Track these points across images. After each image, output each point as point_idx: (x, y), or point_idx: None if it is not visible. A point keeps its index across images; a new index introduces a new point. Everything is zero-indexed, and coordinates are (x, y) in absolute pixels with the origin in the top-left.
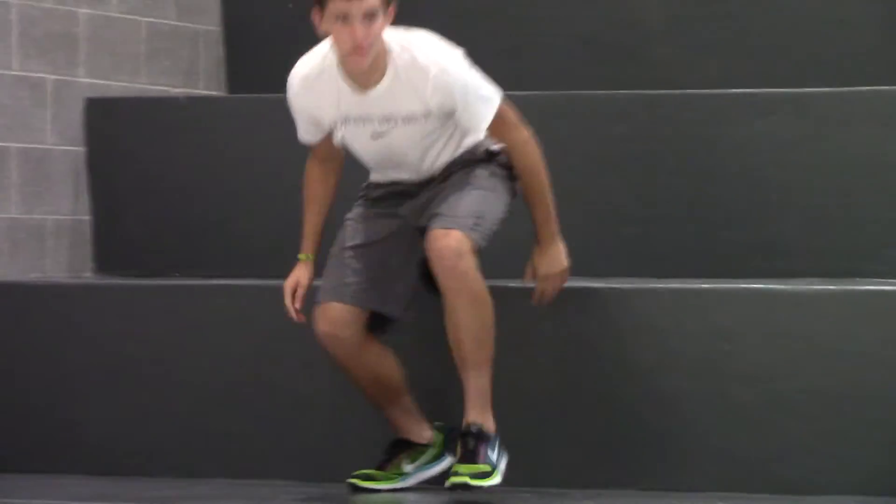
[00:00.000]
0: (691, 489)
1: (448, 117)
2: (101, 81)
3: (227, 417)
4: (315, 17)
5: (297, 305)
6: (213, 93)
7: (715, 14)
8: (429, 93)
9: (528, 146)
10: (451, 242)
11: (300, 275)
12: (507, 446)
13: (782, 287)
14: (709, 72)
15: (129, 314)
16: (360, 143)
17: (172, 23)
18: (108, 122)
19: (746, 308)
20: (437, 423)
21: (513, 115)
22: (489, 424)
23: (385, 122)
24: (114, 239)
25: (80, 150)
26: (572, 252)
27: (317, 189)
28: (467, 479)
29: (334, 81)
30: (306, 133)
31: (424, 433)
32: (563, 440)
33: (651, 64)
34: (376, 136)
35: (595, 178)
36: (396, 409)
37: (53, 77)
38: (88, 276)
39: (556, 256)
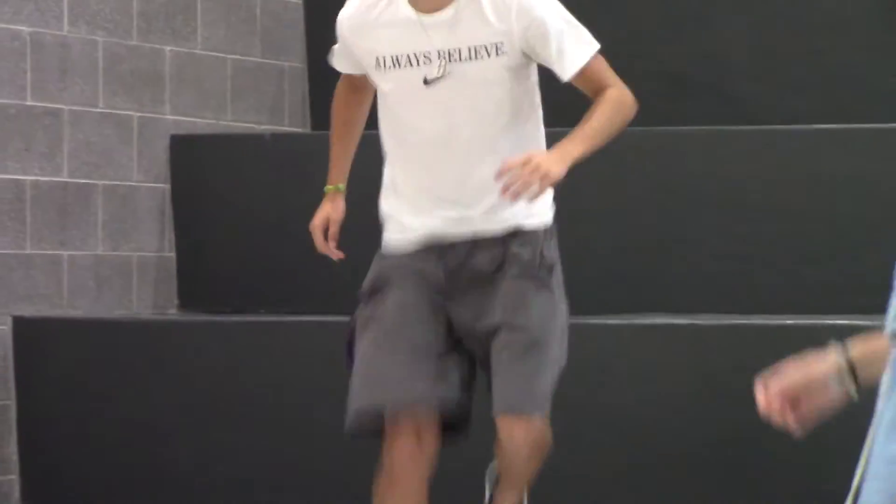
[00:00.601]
0: None
1: (523, 66)
2: (187, 118)
3: (313, 453)
4: None
5: (332, 244)
6: (298, 129)
7: (800, 51)
8: (514, 14)
9: (624, 106)
10: (534, 435)
11: (329, 209)
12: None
13: (866, 322)
14: (797, 108)
15: (213, 350)
16: (409, 99)
17: (257, 60)
18: (193, 158)
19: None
20: None
21: (612, 72)
22: None
23: (445, 60)
24: (198, 275)
25: (165, 186)
26: (678, 286)
27: (346, 113)
28: None
29: (398, 8)
30: (340, 61)
31: None
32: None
33: (737, 100)
34: (431, 81)
35: (682, 214)
36: None
37: (139, 114)
38: (173, 312)
39: (554, 155)
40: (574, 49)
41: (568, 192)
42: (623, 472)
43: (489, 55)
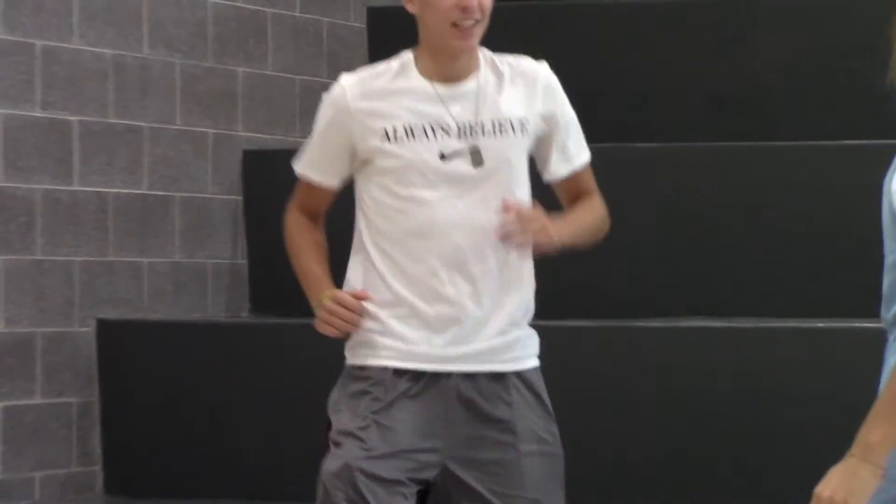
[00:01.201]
0: None
1: (535, 145)
2: (258, 135)
3: None
4: None
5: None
6: None
7: (833, 69)
8: (539, 95)
9: (606, 220)
10: None
11: (341, 292)
12: None
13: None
14: (827, 125)
15: (282, 351)
16: (421, 171)
17: (323, 80)
18: (263, 173)
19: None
20: None
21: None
22: None
23: (465, 135)
24: (269, 281)
25: (238, 198)
26: (711, 290)
27: (313, 235)
28: None
29: (409, 78)
30: (315, 167)
31: None
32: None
33: (771, 118)
34: (448, 155)
35: (719, 226)
36: None
37: (213, 131)
38: (245, 315)
39: (561, 224)
40: (578, 146)
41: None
42: (660, 467)
43: (516, 130)
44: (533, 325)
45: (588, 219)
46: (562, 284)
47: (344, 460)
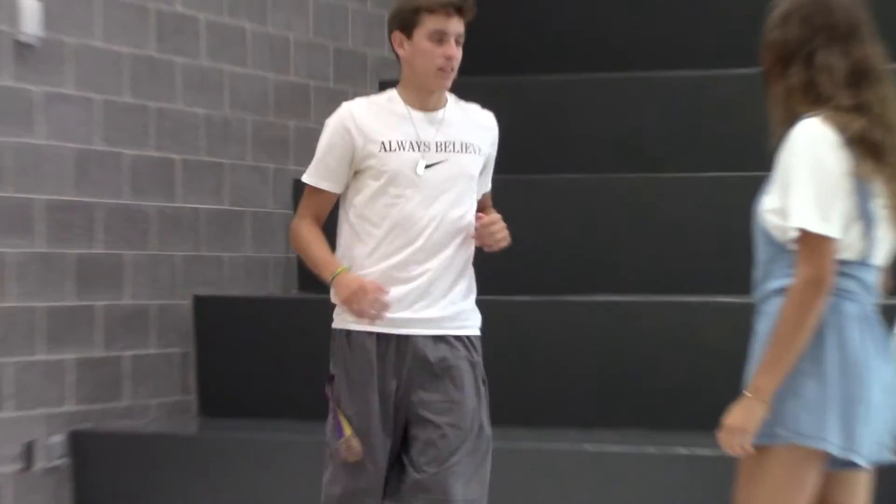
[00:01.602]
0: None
1: (479, 173)
2: (303, 168)
3: None
4: (397, 40)
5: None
6: None
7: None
8: (489, 133)
9: None
10: None
11: (358, 279)
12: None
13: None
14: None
15: (320, 318)
16: (406, 177)
17: None
18: None
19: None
20: None
21: None
22: None
23: (440, 149)
24: (310, 270)
25: (290, 212)
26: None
27: (316, 231)
28: None
29: (396, 106)
30: (324, 176)
31: None
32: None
33: (655, 157)
34: (430, 165)
35: (623, 232)
36: None
37: (273, 166)
38: (294, 293)
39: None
40: (487, 176)
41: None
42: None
43: (475, 152)
44: (478, 300)
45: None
46: (504, 268)
47: (355, 409)
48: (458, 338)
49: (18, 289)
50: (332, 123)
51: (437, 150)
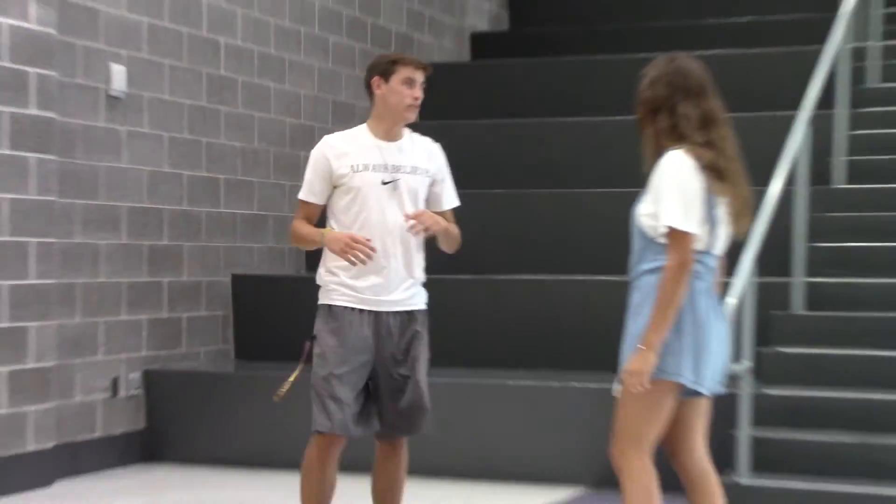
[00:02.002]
0: None
1: (429, 188)
2: None
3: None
4: (376, 83)
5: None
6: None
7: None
8: (435, 158)
9: (458, 233)
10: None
11: (345, 233)
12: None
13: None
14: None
15: None
16: (371, 191)
17: None
18: None
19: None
20: None
21: None
22: None
23: (396, 171)
24: None
25: None
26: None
27: (304, 223)
28: None
29: (366, 138)
30: (311, 193)
31: None
32: None
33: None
34: (387, 182)
35: (536, 228)
36: None
37: (289, 183)
38: (303, 272)
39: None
40: (451, 194)
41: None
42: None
43: (422, 173)
44: (431, 278)
45: (453, 231)
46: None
47: (329, 370)
48: (410, 311)
49: (108, 269)
50: (315, 153)
51: (392, 171)
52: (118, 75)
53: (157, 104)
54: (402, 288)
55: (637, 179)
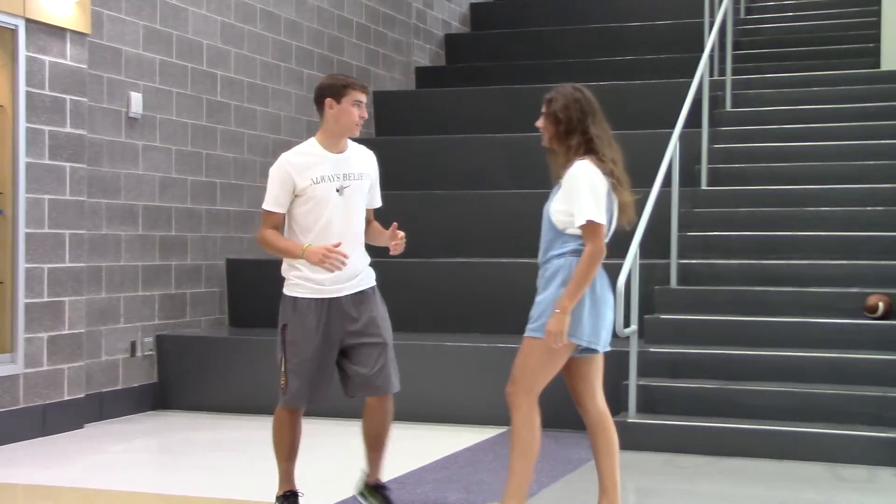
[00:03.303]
0: None
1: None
2: None
3: None
4: (328, 104)
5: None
6: None
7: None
8: (373, 164)
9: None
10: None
11: (322, 246)
12: None
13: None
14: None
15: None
16: (328, 199)
17: None
18: None
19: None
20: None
21: None
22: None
23: (346, 178)
24: None
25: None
26: None
27: (276, 233)
28: None
29: (318, 152)
30: (277, 204)
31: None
32: None
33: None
34: (340, 189)
35: (472, 224)
36: (293, 464)
37: None
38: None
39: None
40: (379, 195)
41: None
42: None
43: (365, 178)
44: (382, 261)
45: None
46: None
47: (299, 357)
48: (363, 291)
49: (127, 255)
50: (278, 170)
51: (344, 179)
52: (136, 101)
53: (167, 123)
54: (354, 274)
55: (543, 183)
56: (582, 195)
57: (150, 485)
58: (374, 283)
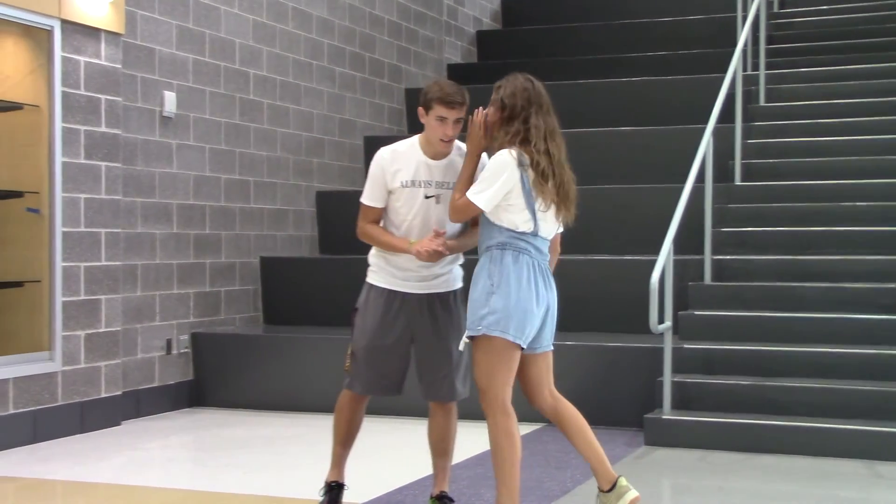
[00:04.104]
0: None
1: None
2: (324, 186)
3: None
4: (420, 111)
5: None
6: None
7: None
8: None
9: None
10: (455, 408)
11: (424, 242)
12: None
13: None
14: None
15: (348, 270)
16: (415, 201)
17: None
18: (333, 205)
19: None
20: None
21: None
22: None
23: (438, 187)
24: (332, 244)
25: (314, 209)
26: None
27: (379, 227)
28: None
29: (415, 153)
30: (374, 199)
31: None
32: None
33: None
34: (428, 196)
35: None
36: (346, 450)
37: (304, 184)
38: (317, 255)
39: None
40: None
41: None
42: None
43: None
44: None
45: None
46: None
47: (361, 343)
48: (438, 293)
49: (162, 253)
50: (373, 165)
51: (436, 187)
52: (170, 100)
53: (200, 122)
54: (432, 276)
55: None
56: (481, 178)
57: (185, 481)
58: (455, 288)
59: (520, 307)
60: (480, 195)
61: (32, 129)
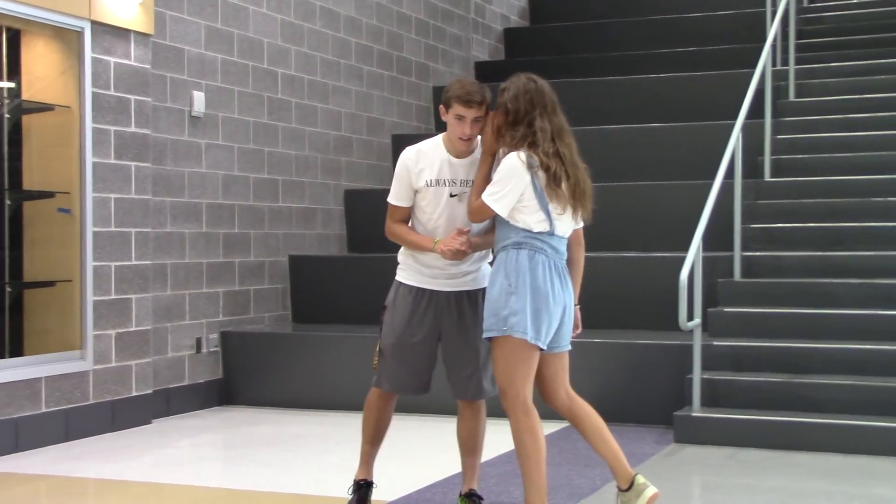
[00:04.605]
0: None
1: None
2: (352, 185)
3: None
4: (441, 109)
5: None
6: None
7: None
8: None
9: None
10: (483, 406)
11: (447, 241)
12: None
13: None
14: None
15: (373, 268)
16: (440, 200)
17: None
18: (358, 203)
19: None
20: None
21: None
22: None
23: (463, 185)
24: (360, 242)
25: (342, 208)
26: None
27: (406, 226)
28: None
29: (439, 152)
30: (400, 199)
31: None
32: None
33: None
34: (453, 194)
35: None
36: (375, 448)
37: (333, 182)
38: (345, 253)
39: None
40: None
41: None
42: None
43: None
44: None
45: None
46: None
47: (389, 341)
48: (467, 291)
49: (192, 252)
50: (399, 165)
51: (462, 185)
52: (198, 100)
53: (229, 122)
54: (461, 273)
55: (602, 175)
56: (494, 179)
57: (216, 479)
58: (484, 286)
59: (538, 308)
60: (498, 202)
61: (63, 130)
